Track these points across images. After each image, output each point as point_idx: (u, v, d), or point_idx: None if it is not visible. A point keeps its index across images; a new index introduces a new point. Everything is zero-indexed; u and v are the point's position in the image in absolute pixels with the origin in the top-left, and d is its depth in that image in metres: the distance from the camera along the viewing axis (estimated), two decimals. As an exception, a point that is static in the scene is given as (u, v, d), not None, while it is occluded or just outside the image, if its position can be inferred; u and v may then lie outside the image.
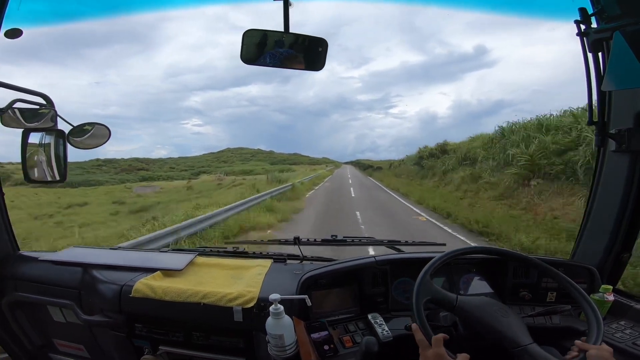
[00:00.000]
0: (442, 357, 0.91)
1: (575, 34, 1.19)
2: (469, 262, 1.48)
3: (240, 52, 1.11)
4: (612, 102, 1.30)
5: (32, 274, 1.50)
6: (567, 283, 1.11)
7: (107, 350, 1.45)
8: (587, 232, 1.50)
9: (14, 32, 1.23)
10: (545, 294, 1.42)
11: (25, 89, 1.27)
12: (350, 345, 1.18)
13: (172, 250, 1.77)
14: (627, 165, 1.31)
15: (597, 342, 0.95)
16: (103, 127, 1.43)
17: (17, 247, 1.60)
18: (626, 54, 0.96)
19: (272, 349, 1.10)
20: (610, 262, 1.43)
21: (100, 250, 1.73)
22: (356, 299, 1.36)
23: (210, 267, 1.52)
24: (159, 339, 1.32)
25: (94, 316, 1.36)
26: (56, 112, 1.33)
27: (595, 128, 1.33)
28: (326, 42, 1.13)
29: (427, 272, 1.09)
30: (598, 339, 0.96)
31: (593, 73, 1.23)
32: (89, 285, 1.40)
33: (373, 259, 1.40)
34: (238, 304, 1.22)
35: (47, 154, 1.35)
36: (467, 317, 1.03)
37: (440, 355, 0.92)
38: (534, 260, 1.20)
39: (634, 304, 1.30)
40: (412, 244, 1.68)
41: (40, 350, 1.59)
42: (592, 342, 0.96)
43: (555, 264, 1.28)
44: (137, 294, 1.28)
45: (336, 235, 1.71)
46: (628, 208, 1.35)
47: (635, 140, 1.25)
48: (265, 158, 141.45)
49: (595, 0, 1.15)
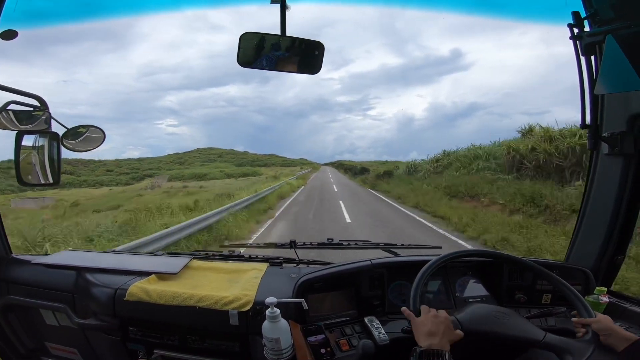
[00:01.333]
0: (437, 317, 0.95)
1: (569, 38, 1.20)
2: (464, 265, 1.48)
3: (237, 55, 1.11)
4: (604, 106, 1.31)
5: (25, 277, 1.48)
6: (562, 285, 1.12)
7: (101, 354, 1.44)
8: (581, 234, 1.51)
9: (10, 34, 1.22)
10: (541, 296, 1.43)
11: (19, 91, 1.26)
12: (347, 348, 1.18)
13: (167, 253, 1.76)
14: (620, 168, 1.33)
15: (592, 316, 1.01)
16: (97, 130, 1.43)
17: (10, 250, 1.58)
18: (619, 57, 0.97)
19: (268, 353, 1.09)
20: (604, 264, 1.44)
21: (94, 254, 1.71)
22: (353, 302, 1.35)
23: (205, 270, 1.51)
24: (153, 342, 1.30)
25: (87, 320, 1.34)
26: (50, 114, 1.32)
27: (588, 131, 1.34)
28: (323, 45, 1.13)
29: (423, 275, 1.09)
30: (591, 313, 1.01)
31: (586, 76, 1.24)
32: (82, 289, 1.38)
33: (369, 262, 1.39)
34: (234, 308, 1.21)
35: (40, 156, 1.34)
36: (477, 335, 1.01)
37: (437, 316, 0.96)
38: (529, 263, 1.21)
39: (628, 305, 1.31)
40: (408, 247, 1.68)
41: (33, 353, 1.57)
42: (587, 317, 1.01)
43: (549, 266, 1.29)
44: (132, 297, 1.27)
45: (332, 238, 1.71)
46: (621, 210, 1.36)
47: (627, 143, 1.26)
48: (232, 159, 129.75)
49: (588, 4, 1.16)
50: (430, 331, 0.92)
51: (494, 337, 1.01)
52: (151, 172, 74.24)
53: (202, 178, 48.52)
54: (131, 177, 64.81)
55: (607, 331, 0.94)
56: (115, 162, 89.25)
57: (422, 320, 0.96)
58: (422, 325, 0.94)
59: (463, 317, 1.03)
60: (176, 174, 63.15)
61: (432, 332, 0.91)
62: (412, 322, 0.98)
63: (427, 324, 0.94)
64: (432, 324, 0.93)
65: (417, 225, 9.42)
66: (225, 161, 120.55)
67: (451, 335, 0.92)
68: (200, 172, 65.55)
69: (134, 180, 54.93)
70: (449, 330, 0.93)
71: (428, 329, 0.92)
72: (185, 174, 60.04)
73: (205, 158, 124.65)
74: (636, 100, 1.22)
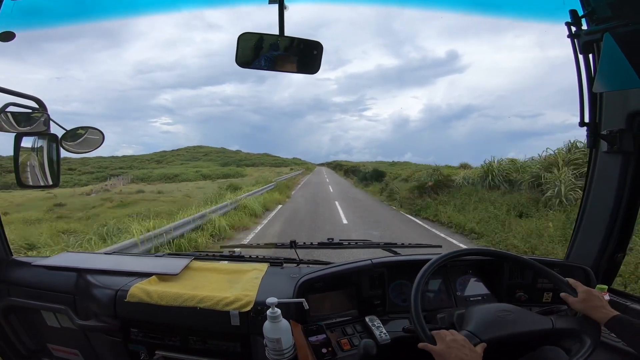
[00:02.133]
0: (456, 341, 0.91)
1: (566, 36, 1.20)
2: (465, 264, 1.48)
3: (236, 56, 1.11)
4: (603, 104, 1.32)
5: (25, 279, 1.49)
6: (562, 283, 1.12)
7: (102, 355, 1.44)
8: (582, 232, 1.51)
9: (7, 35, 1.22)
10: (541, 294, 1.43)
11: (18, 93, 1.26)
12: (348, 348, 1.18)
13: (167, 255, 1.76)
14: (619, 166, 1.33)
15: None
16: (97, 131, 1.43)
17: (11, 252, 1.58)
18: (617, 55, 0.98)
19: (269, 353, 1.09)
20: (604, 262, 1.44)
21: (94, 255, 1.71)
22: (353, 302, 1.35)
23: (206, 271, 1.51)
24: (155, 343, 1.30)
25: (88, 321, 1.34)
26: (49, 116, 1.32)
27: (587, 129, 1.34)
28: (321, 45, 1.13)
29: (424, 274, 1.09)
30: None
31: (584, 74, 1.25)
32: (83, 290, 1.38)
33: (370, 262, 1.40)
34: (235, 308, 1.21)
35: (39, 158, 1.34)
36: (496, 341, 1.00)
37: (455, 340, 0.92)
38: (529, 261, 1.21)
39: (629, 303, 1.31)
40: (408, 247, 1.68)
41: (35, 355, 1.57)
42: None
43: (550, 264, 1.29)
44: (133, 298, 1.27)
45: (332, 238, 1.71)
46: (621, 208, 1.36)
47: (626, 141, 1.26)
48: (219, 158, 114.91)
49: (585, 2, 1.16)
50: (459, 359, 0.88)
51: (510, 339, 1.00)
52: (121, 171, 64.61)
53: (173, 179, 42.69)
54: (94, 177, 56.76)
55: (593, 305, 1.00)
56: (81, 160, 78.37)
57: (444, 350, 0.91)
58: (447, 356, 0.89)
59: (475, 328, 1.01)
60: (143, 174, 55.20)
61: (462, 359, 0.88)
62: (433, 354, 0.93)
63: (451, 353, 0.89)
64: (457, 351, 0.89)
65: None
66: (211, 160, 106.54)
67: (478, 357, 0.89)
68: (172, 172, 56.01)
69: (96, 181, 48.06)
70: (474, 353, 0.90)
71: (456, 356, 0.88)
72: (154, 175, 52.66)
73: (190, 156, 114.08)
74: (634, 97, 1.22)
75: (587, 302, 1.01)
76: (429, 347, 0.93)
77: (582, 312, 1.01)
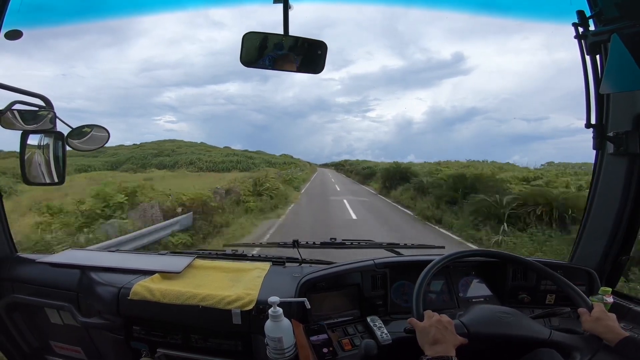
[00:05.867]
0: (441, 322, 0.94)
1: (573, 37, 1.19)
2: (467, 265, 1.48)
3: (240, 55, 1.11)
4: (610, 105, 1.30)
5: (29, 276, 1.49)
6: (565, 285, 1.11)
7: (105, 353, 1.45)
8: (586, 234, 1.50)
9: (14, 34, 1.23)
10: (544, 296, 1.42)
11: (24, 91, 1.27)
12: (350, 348, 1.18)
13: (170, 253, 1.77)
14: (625, 168, 1.31)
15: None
16: (102, 129, 1.44)
17: (15, 249, 1.60)
18: (624, 56, 0.97)
19: (270, 352, 1.09)
20: (609, 264, 1.42)
21: (98, 253, 1.72)
22: (355, 302, 1.35)
23: (208, 269, 1.51)
24: (156, 341, 1.31)
25: (91, 318, 1.35)
26: (55, 113, 1.33)
27: (593, 131, 1.33)
28: (325, 44, 1.13)
29: (426, 275, 1.09)
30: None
31: (591, 75, 1.23)
32: (86, 288, 1.39)
33: (372, 262, 1.39)
34: (236, 307, 1.22)
35: (45, 156, 1.35)
36: (484, 338, 1.01)
37: (441, 321, 0.94)
38: (533, 263, 1.20)
39: (633, 305, 1.30)
40: (411, 247, 1.67)
41: (38, 352, 1.58)
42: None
43: (554, 266, 1.28)
44: (135, 296, 1.28)
45: (335, 238, 1.70)
46: (626, 210, 1.35)
47: (633, 143, 1.25)
48: (196, 152, 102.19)
49: (593, 3, 1.15)
50: (434, 338, 0.91)
51: (501, 339, 1.00)
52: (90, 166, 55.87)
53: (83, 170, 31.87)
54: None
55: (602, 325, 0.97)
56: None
57: (426, 327, 0.94)
58: (426, 333, 0.93)
59: (468, 320, 1.02)
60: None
61: (437, 339, 0.90)
62: (416, 328, 0.96)
63: (431, 330, 0.92)
64: (436, 331, 0.92)
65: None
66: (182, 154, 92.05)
67: (456, 340, 0.92)
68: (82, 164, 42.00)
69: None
70: (453, 335, 0.92)
71: (432, 335, 0.91)
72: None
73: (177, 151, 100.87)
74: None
75: (600, 320, 0.98)
76: (414, 321, 0.98)
77: (592, 331, 0.98)
